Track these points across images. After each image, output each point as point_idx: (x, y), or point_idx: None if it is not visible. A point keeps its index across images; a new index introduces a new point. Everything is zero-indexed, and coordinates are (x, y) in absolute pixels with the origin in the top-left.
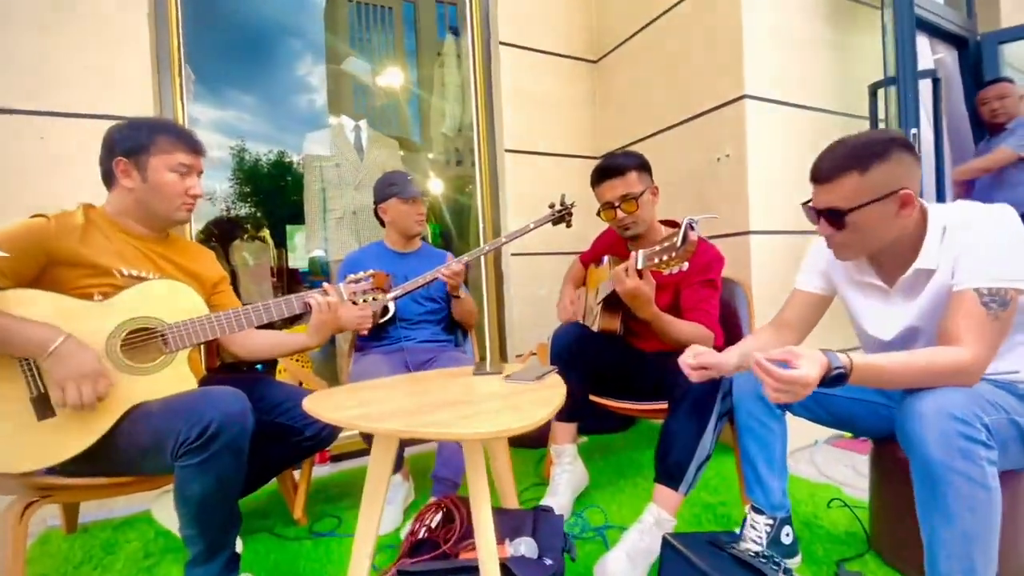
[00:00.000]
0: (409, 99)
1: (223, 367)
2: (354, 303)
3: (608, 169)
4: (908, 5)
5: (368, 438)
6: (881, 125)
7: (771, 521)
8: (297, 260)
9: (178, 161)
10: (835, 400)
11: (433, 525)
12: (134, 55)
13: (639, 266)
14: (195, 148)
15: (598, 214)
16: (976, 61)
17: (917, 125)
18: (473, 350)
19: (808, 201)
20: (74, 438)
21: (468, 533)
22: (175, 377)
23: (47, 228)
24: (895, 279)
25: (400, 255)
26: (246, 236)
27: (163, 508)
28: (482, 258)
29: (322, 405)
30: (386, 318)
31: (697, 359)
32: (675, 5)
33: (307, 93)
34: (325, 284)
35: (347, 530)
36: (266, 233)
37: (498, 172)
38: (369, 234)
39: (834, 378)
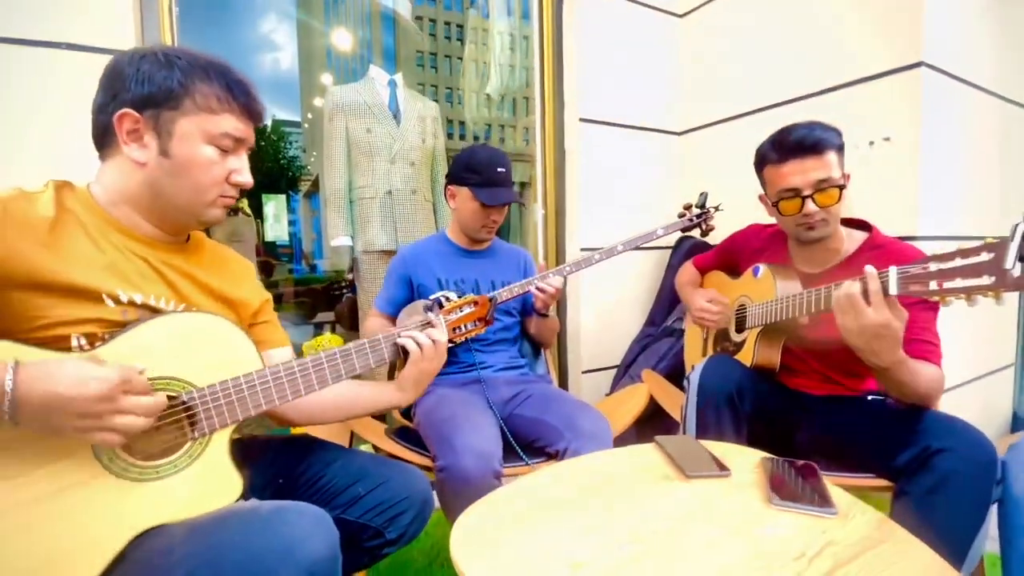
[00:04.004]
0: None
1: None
2: (453, 343)
3: (801, 144)
4: None
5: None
6: None
7: None
8: (270, 231)
9: (223, 129)
10: None
11: None
12: None
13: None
14: (251, 110)
15: (775, 204)
16: None
17: None
18: (550, 375)
19: None
20: None
21: None
22: (209, 479)
23: None
24: None
25: (467, 254)
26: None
27: None
28: (540, 256)
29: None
30: None
31: None
32: None
33: (271, 51)
34: (430, 315)
35: None
36: (245, 203)
37: (566, 148)
38: (408, 221)
39: None
